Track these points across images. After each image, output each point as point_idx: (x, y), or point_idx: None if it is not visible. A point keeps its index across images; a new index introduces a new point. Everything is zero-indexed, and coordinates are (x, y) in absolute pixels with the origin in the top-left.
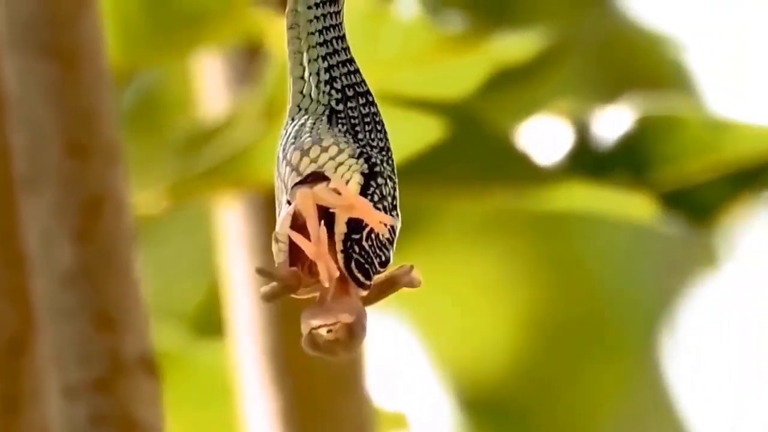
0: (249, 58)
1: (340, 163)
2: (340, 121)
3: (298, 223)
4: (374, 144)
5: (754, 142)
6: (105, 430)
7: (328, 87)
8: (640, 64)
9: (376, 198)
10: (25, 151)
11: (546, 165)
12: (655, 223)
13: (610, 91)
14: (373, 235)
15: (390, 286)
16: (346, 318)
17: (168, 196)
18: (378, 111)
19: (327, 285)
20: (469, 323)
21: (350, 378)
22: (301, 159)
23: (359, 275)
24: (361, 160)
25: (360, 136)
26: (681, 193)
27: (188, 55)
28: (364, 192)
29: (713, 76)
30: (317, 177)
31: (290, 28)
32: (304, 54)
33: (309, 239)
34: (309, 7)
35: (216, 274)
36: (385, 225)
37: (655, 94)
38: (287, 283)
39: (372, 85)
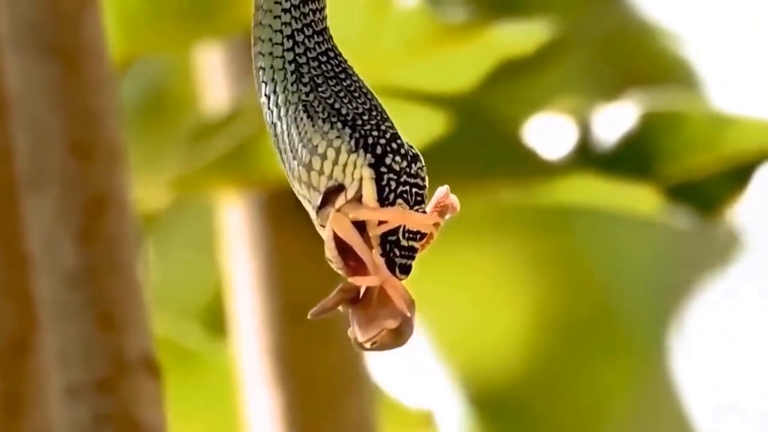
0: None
1: (345, 165)
2: (317, 109)
3: (340, 240)
4: (360, 111)
5: (756, 136)
6: (107, 429)
7: (295, 86)
8: (646, 60)
9: (393, 184)
10: (28, 152)
11: (552, 160)
12: (660, 216)
13: (615, 86)
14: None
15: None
16: (391, 324)
17: (173, 190)
18: (357, 79)
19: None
20: (478, 320)
21: (352, 377)
22: (309, 175)
23: (404, 276)
24: (361, 152)
25: (344, 111)
26: (685, 187)
27: (191, 45)
28: (379, 184)
29: (718, 71)
30: (334, 190)
31: (256, 25)
32: (270, 59)
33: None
34: (276, 17)
35: (220, 272)
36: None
37: (659, 89)
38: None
39: (374, 78)
